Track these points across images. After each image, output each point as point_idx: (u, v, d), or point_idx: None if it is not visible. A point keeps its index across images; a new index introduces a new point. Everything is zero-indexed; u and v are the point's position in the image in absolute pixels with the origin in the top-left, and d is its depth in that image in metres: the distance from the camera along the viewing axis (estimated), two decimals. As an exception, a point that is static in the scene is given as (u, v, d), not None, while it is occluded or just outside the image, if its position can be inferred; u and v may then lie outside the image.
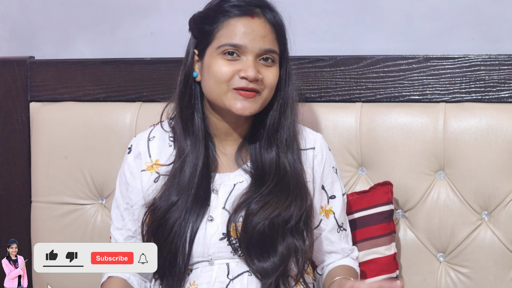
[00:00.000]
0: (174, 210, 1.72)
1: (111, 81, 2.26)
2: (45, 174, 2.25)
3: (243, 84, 1.70)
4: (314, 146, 1.84)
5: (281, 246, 1.71)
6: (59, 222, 2.24)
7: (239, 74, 1.70)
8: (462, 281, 2.06)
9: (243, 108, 1.71)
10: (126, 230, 1.83)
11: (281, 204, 1.72)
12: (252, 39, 1.70)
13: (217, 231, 1.73)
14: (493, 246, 2.04)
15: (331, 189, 1.86)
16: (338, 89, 2.14)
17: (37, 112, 2.29)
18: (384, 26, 2.20)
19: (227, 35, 1.70)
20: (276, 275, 1.70)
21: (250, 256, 1.71)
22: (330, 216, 1.85)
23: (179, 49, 2.23)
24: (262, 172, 1.76)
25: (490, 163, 2.03)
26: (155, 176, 1.79)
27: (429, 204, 2.06)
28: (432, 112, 2.07)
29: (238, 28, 1.70)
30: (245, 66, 1.69)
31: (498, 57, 2.07)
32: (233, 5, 1.71)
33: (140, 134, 1.88)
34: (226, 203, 1.75)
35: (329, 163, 1.86)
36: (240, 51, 1.70)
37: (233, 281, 1.72)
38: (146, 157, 1.82)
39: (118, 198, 1.85)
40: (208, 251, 1.73)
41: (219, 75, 1.70)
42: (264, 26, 1.72)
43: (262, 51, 1.71)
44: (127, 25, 2.35)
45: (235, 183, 1.77)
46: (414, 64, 2.10)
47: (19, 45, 2.42)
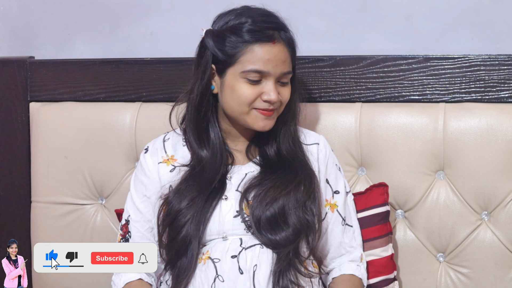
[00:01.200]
0: (189, 207, 1.79)
1: (111, 81, 2.26)
2: (45, 174, 2.25)
3: (266, 106, 1.80)
4: (318, 142, 1.93)
5: (292, 219, 1.78)
6: (59, 222, 2.24)
7: (262, 97, 1.80)
8: (462, 281, 2.06)
9: (265, 126, 1.83)
10: (146, 222, 1.88)
11: (288, 185, 1.80)
12: (275, 65, 1.79)
13: (231, 209, 1.81)
14: (493, 246, 2.03)
15: (335, 184, 1.93)
16: (338, 89, 2.14)
17: (37, 112, 2.28)
18: (383, 26, 2.20)
19: (252, 61, 1.78)
20: (293, 245, 1.76)
21: (262, 233, 1.78)
22: (335, 210, 1.91)
23: (179, 49, 2.25)
24: (269, 163, 1.86)
25: (490, 163, 2.02)
26: (171, 168, 1.88)
27: (428, 204, 2.06)
28: (432, 112, 2.07)
29: (261, 55, 1.78)
30: (268, 90, 1.79)
31: (498, 57, 2.06)
32: (253, 30, 1.78)
33: (154, 139, 1.96)
34: (239, 186, 1.84)
35: (332, 160, 1.94)
36: (262, 75, 1.79)
37: (245, 250, 1.78)
38: (163, 153, 1.91)
39: (133, 194, 1.91)
40: (223, 227, 1.80)
41: (243, 98, 1.79)
42: (283, 50, 1.80)
43: (282, 75, 1.81)
44: (127, 25, 2.35)
45: (247, 172, 1.86)
46: (414, 64, 2.10)
47: (19, 45, 2.42)
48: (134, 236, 1.87)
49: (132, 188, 1.92)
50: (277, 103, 1.82)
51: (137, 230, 1.88)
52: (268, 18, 1.81)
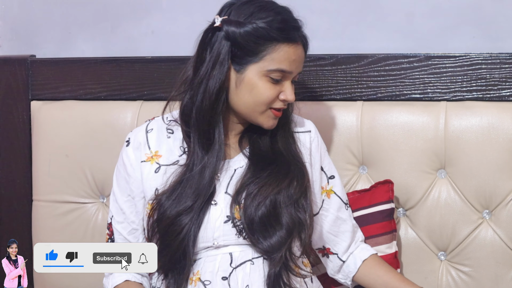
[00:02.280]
0: (189, 211, 1.72)
1: (112, 79, 2.26)
2: (46, 173, 2.25)
3: (281, 105, 1.76)
4: (310, 130, 1.89)
5: (285, 219, 1.73)
6: (60, 221, 2.24)
7: (280, 97, 1.74)
8: (463, 280, 2.06)
9: (273, 125, 1.78)
10: (129, 223, 1.83)
11: (280, 182, 1.74)
12: (297, 65, 1.75)
13: (221, 214, 1.74)
14: (494, 245, 2.03)
15: (329, 169, 1.90)
16: (339, 87, 2.14)
17: (38, 111, 2.28)
18: (385, 25, 2.20)
19: (279, 60, 1.71)
20: (285, 248, 1.71)
21: (255, 236, 1.72)
22: (331, 196, 1.88)
23: (180, 47, 2.25)
24: (259, 157, 1.79)
25: (491, 161, 2.02)
26: (156, 167, 1.79)
27: (430, 203, 2.06)
28: (433, 111, 2.07)
29: (288, 55, 1.71)
30: (287, 90, 1.74)
31: (499, 56, 2.06)
32: (282, 29, 1.69)
33: (136, 128, 1.88)
34: (228, 187, 1.76)
35: (323, 146, 1.91)
36: (285, 75, 1.74)
37: (236, 269, 1.73)
38: (146, 149, 1.82)
39: (116, 193, 1.85)
40: (213, 234, 1.73)
41: (264, 97, 1.73)
42: (303, 51, 1.76)
43: (297, 75, 1.78)
44: (128, 23, 2.35)
45: (236, 168, 1.79)
46: (415, 63, 2.10)
47: (20, 43, 2.42)
48: (117, 239, 1.83)
49: (115, 186, 1.85)
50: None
51: (119, 233, 1.83)
52: (293, 16, 1.74)
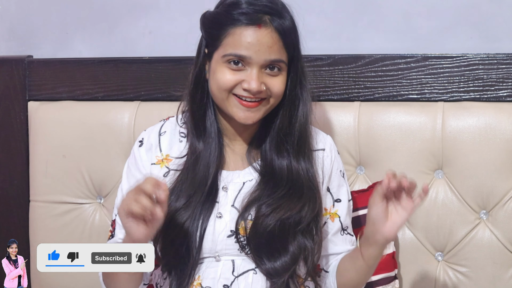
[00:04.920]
0: (186, 206, 1.70)
1: (110, 80, 2.25)
2: (43, 174, 2.25)
3: (246, 94, 1.68)
4: (324, 148, 1.83)
5: (292, 246, 1.70)
6: (57, 222, 2.24)
7: (242, 85, 1.68)
8: (460, 280, 2.06)
9: (246, 118, 1.70)
10: None
11: (293, 206, 1.70)
12: (258, 50, 1.66)
13: (226, 228, 1.72)
14: (491, 245, 2.03)
15: (337, 192, 1.84)
16: (336, 88, 2.14)
17: (35, 111, 2.28)
18: (382, 25, 2.20)
19: (233, 44, 1.66)
20: (288, 274, 1.69)
21: (260, 256, 1.70)
22: (335, 220, 1.83)
23: (177, 48, 2.25)
24: (272, 174, 1.74)
25: (489, 162, 2.03)
26: (165, 171, 1.78)
27: (427, 203, 2.05)
28: (430, 111, 2.07)
29: (243, 38, 1.66)
30: (249, 78, 1.67)
31: (496, 56, 2.06)
32: (241, 13, 1.66)
33: (150, 128, 1.86)
34: (235, 201, 1.74)
35: (336, 166, 1.84)
36: (245, 62, 1.67)
37: (238, 278, 1.71)
38: (157, 151, 1.81)
39: (125, 188, 1.80)
40: (216, 247, 1.71)
41: (221, 83, 1.68)
42: (271, 36, 1.67)
43: (268, 62, 1.68)
44: (125, 24, 2.34)
45: (245, 181, 1.76)
46: (412, 63, 2.10)
47: (17, 44, 2.41)
48: (117, 233, 1.80)
49: (124, 182, 1.82)
50: (262, 94, 1.69)
51: (121, 226, 1.76)
52: (262, 2, 1.67)
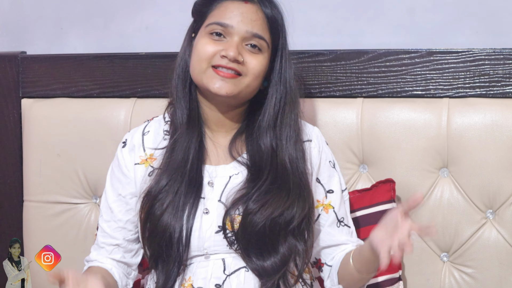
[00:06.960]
0: (166, 191, 1.72)
1: (105, 76, 2.25)
2: (37, 173, 2.25)
3: (222, 62, 1.71)
4: (311, 139, 1.83)
5: (282, 247, 1.70)
6: (52, 222, 2.24)
7: (220, 53, 1.71)
8: (466, 281, 2.05)
9: (220, 87, 1.71)
10: (116, 221, 1.81)
11: (282, 204, 1.70)
12: (240, 20, 1.72)
13: (213, 224, 1.72)
14: (498, 246, 2.03)
15: (328, 183, 1.84)
16: (338, 84, 2.13)
17: (29, 109, 2.28)
18: (385, 20, 2.19)
19: (217, 15, 1.73)
20: (278, 276, 1.68)
21: (248, 254, 1.70)
22: (329, 211, 1.83)
23: (174, 43, 2.22)
24: (259, 165, 1.75)
25: (495, 160, 2.02)
26: (150, 170, 1.79)
27: (432, 203, 2.05)
28: (435, 108, 2.06)
29: (228, 10, 1.73)
30: (227, 46, 1.71)
31: (503, 51, 2.06)
32: None
33: (134, 129, 1.89)
34: (222, 195, 1.74)
35: (325, 156, 1.84)
36: (226, 31, 1.72)
37: (229, 277, 1.71)
38: (141, 151, 1.82)
39: (108, 191, 1.85)
40: (204, 244, 1.71)
41: (201, 53, 1.72)
42: (256, 12, 1.73)
43: (249, 35, 1.72)
44: (121, 19, 2.34)
45: (230, 175, 1.77)
46: (416, 59, 2.09)
47: (11, 40, 2.41)
48: (99, 236, 1.82)
49: (108, 185, 1.85)
50: (239, 66, 1.71)
51: (103, 230, 1.82)
52: None
